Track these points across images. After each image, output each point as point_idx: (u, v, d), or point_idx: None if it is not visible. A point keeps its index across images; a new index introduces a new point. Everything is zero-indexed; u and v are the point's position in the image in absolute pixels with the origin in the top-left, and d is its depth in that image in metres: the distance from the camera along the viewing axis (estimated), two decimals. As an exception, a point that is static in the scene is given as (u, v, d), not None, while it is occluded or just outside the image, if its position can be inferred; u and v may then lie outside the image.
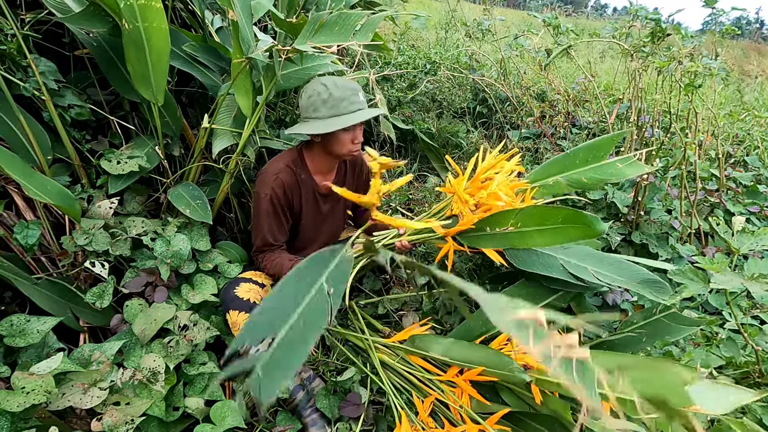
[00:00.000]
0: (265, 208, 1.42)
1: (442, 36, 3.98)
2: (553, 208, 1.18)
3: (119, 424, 1.02)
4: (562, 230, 1.17)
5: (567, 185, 1.42)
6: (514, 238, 1.25)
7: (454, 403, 1.25)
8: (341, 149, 1.40)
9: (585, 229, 1.14)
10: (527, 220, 1.21)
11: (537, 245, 1.24)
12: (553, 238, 1.19)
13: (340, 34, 1.33)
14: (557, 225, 1.17)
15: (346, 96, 1.31)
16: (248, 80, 1.42)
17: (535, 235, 1.21)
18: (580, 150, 1.44)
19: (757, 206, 2.28)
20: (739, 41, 8.79)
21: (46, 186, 1.18)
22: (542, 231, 1.20)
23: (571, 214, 1.15)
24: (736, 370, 1.32)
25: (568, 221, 1.16)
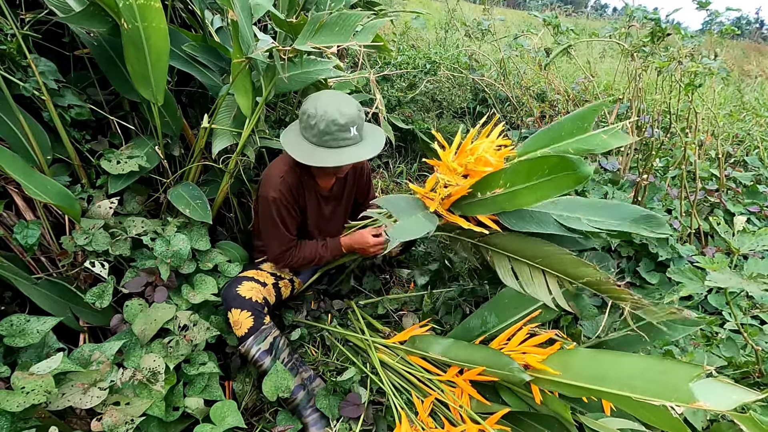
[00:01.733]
0: (275, 211, 1.43)
1: (441, 36, 3.98)
2: (539, 158, 1.16)
3: (119, 424, 1.02)
4: (551, 182, 1.15)
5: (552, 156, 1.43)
6: (504, 200, 1.24)
7: (454, 403, 1.25)
8: (321, 174, 1.47)
9: (573, 175, 1.11)
10: (515, 178, 1.20)
11: (528, 203, 1.21)
12: (543, 192, 1.17)
13: (340, 34, 1.33)
14: (545, 177, 1.15)
15: (331, 131, 1.26)
16: (248, 80, 1.42)
17: (524, 192, 1.19)
18: (566, 121, 1.43)
19: (757, 206, 2.28)
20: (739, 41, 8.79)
21: (46, 186, 1.18)
22: (531, 187, 1.18)
23: (556, 161, 1.13)
24: (736, 370, 1.32)
25: (555, 170, 1.13)
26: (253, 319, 1.38)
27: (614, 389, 0.95)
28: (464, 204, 1.35)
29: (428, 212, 1.32)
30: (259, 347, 1.38)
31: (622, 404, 0.94)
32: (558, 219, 1.33)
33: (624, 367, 0.98)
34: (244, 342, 1.37)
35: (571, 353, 1.13)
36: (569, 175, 1.11)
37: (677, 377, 0.86)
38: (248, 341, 1.37)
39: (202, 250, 1.46)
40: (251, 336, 1.37)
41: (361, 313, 1.70)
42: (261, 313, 1.41)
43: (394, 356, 1.47)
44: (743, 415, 0.79)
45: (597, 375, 1.01)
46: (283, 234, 1.47)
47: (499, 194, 1.24)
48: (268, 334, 1.40)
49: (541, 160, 1.15)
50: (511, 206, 1.23)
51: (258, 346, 1.38)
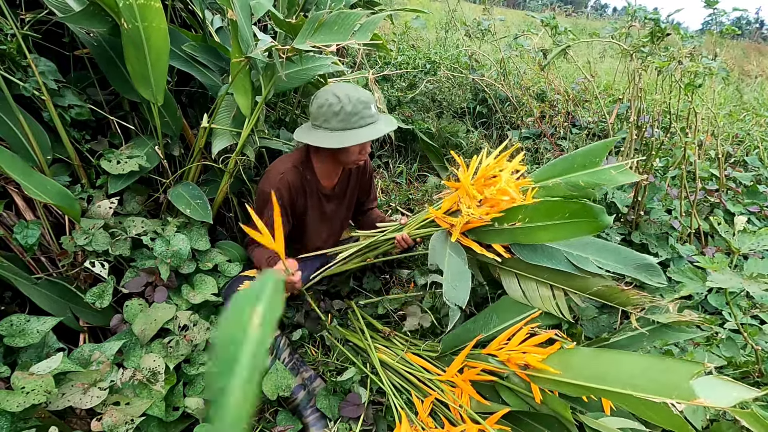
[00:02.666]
0: (267, 205, 1.43)
1: (441, 36, 3.98)
2: (562, 203, 1.20)
3: (119, 424, 1.02)
4: (569, 225, 1.20)
5: (566, 187, 1.47)
6: (520, 233, 1.28)
7: (454, 403, 1.25)
8: (348, 159, 1.43)
9: (592, 223, 1.16)
10: (535, 216, 1.25)
11: (542, 240, 1.28)
12: (559, 233, 1.22)
13: (339, 33, 1.33)
14: (564, 220, 1.20)
15: (358, 110, 1.31)
16: (247, 80, 1.42)
17: (541, 231, 1.24)
18: (578, 155, 1.49)
19: (757, 206, 2.28)
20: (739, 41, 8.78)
21: (46, 186, 1.18)
22: (548, 227, 1.23)
23: (579, 208, 1.17)
24: (736, 369, 1.32)
25: (575, 216, 1.18)
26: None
27: (615, 388, 0.95)
28: (480, 231, 1.40)
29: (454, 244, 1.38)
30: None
31: (622, 403, 0.94)
32: (568, 257, 1.36)
33: (624, 366, 0.98)
34: None
35: (571, 353, 1.13)
36: (589, 223, 1.17)
37: (678, 375, 0.86)
38: None
39: (202, 249, 1.46)
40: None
41: (360, 313, 1.70)
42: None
43: (394, 356, 1.47)
44: (745, 411, 0.79)
45: (597, 374, 1.01)
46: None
47: (516, 227, 1.29)
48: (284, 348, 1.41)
49: (563, 205, 1.20)
50: (526, 240, 1.29)
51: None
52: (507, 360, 1.22)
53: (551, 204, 1.22)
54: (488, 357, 1.28)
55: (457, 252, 1.37)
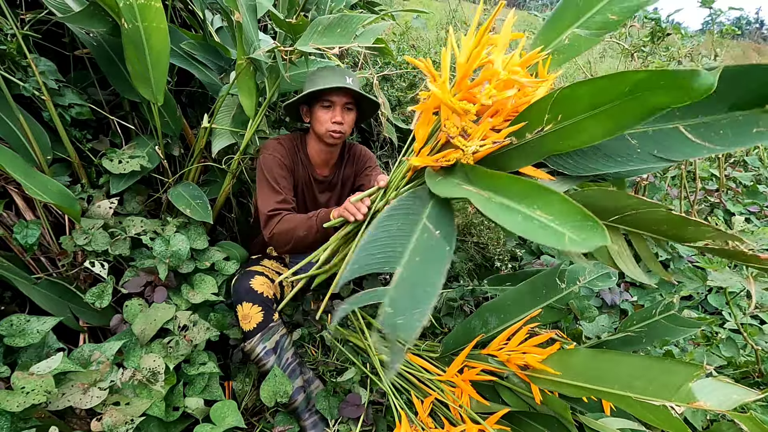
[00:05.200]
0: (269, 170, 1.42)
1: (442, 36, 3.98)
2: (613, 78, 0.70)
3: (119, 424, 1.02)
4: (631, 104, 0.69)
5: (588, 37, 1.00)
6: (552, 140, 0.82)
7: (454, 403, 1.25)
8: (320, 127, 1.42)
9: (677, 90, 0.64)
10: (571, 108, 0.77)
11: (590, 140, 0.77)
12: (618, 120, 0.72)
13: (342, 36, 1.34)
14: (622, 99, 0.70)
15: (327, 74, 1.36)
16: (252, 81, 1.42)
17: (585, 125, 0.76)
18: None
19: (756, 206, 2.28)
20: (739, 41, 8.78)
21: (46, 185, 1.18)
22: (598, 116, 0.74)
23: (645, 78, 0.66)
24: (736, 369, 1.32)
25: (641, 88, 0.67)
26: (262, 314, 1.36)
27: (614, 389, 0.95)
28: (494, 158, 0.92)
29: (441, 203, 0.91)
30: (264, 345, 1.36)
31: (622, 404, 0.94)
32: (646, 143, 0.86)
33: (624, 367, 0.98)
34: (251, 339, 1.35)
35: (571, 353, 1.13)
36: (671, 92, 0.65)
37: (677, 377, 0.86)
38: (254, 338, 1.35)
39: (200, 249, 1.46)
40: (259, 332, 1.36)
41: (360, 313, 1.70)
42: (271, 310, 1.39)
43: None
44: (743, 415, 0.79)
45: (597, 375, 1.01)
46: (276, 191, 1.41)
47: (546, 133, 0.82)
48: (275, 332, 1.39)
49: (619, 78, 0.69)
50: (565, 147, 0.81)
51: (264, 344, 1.36)
52: (507, 360, 1.22)
53: (594, 85, 0.72)
54: (488, 357, 1.28)
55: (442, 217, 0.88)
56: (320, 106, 1.40)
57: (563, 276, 1.39)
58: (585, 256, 1.02)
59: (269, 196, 1.40)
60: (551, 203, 0.69)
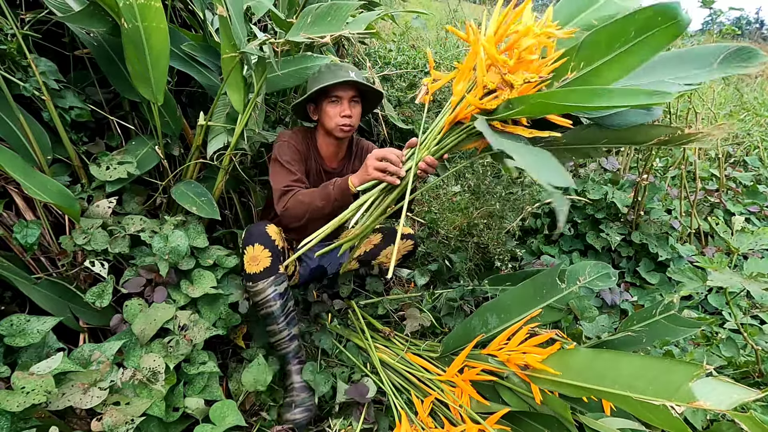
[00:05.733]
0: (284, 151, 1.45)
1: (442, 36, 3.98)
2: (625, 20, 0.86)
3: (119, 424, 1.02)
4: (640, 45, 0.85)
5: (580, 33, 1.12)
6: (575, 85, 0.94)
7: (454, 403, 1.25)
8: (329, 122, 1.46)
9: (669, 27, 0.82)
10: (592, 54, 0.90)
11: (609, 81, 0.90)
12: (629, 61, 0.87)
13: (332, 24, 1.34)
14: (630, 42, 0.86)
15: (333, 70, 1.41)
16: (239, 76, 1.41)
17: (603, 69, 0.89)
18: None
19: (756, 206, 2.28)
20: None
21: (46, 185, 1.18)
22: (612, 60, 0.88)
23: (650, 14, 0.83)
24: (736, 369, 1.32)
25: (646, 28, 0.84)
26: (271, 260, 1.37)
27: (614, 389, 0.95)
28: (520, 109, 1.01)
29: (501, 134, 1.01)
30: (275, 288, 1.38)
31: (622, 404, 0.94)
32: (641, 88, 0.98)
33: (624, 367, 0.98)
34: (262, 280, 1.36)
35: (571, 353, 1.13)
36: (665, 30, 0.82)
37: (677, 376, 0.86)
38: (268, 280, 1.37)
39: (200, 247, 1.46)
40: (270, 276, 1.37)
41: (361, 313, 1.70)
42: (279, 259, 1.40)
43: (394, 356, 1.47)
44: (743, 415, 0.79)
45: (597, 375, 1.01)
46: (291, 172, 1.43)
47: (571, 81, 0.94)
48: (283, 280, 1.41)
49: (627, 20, 0.85)
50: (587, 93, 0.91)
51: (275, 287, 1.38)
52: (507, 360, 1.22)
53: (611, 28, 0.87)
54: (488, 357, 1.28)
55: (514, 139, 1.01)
56: (328, 101, 1.44)
57: (563, 276, 1.39)
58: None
59: (284, 175, 1.42)
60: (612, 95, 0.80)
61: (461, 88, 1.11)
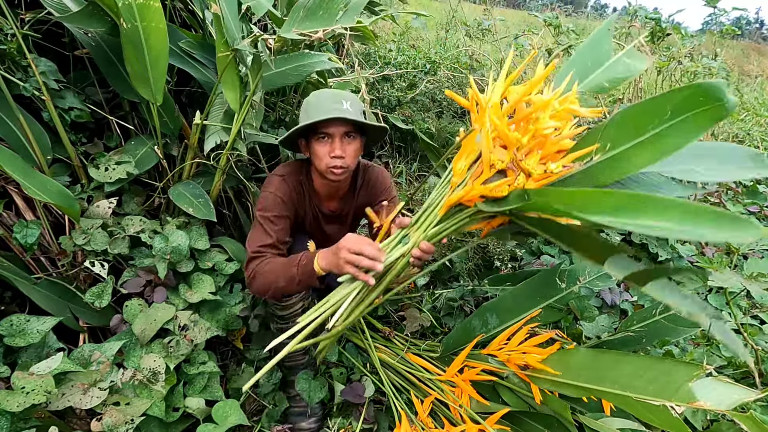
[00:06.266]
0: (265, 206, 1.28)
1: (442, 36, 3.98)
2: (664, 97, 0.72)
3: (119, 424, 1.02)
4: (677, 127, 0.72)
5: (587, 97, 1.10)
6: (601, 170, 0.81)
7: (454, 403, 1.25)
8: (319, 164, 1.24)
9: (712, 109, 0.69)
10: (619, 135, 0.79)
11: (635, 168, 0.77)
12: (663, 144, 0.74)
13: (324, 19, 1.32)
14: (667, 123, 0.73)
15: (322, 103, 1.19)
16: (235, 74, 1.40)
17: (632, 153, 0.77)
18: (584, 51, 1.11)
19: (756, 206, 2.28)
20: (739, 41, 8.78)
21: (46, 186, 1.18)
22: (644, 143, 0.76)
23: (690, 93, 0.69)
24: (736, 369, 1.32)
25: (685, 107, 0.70)
26: None
27: (614, 389, 0.95)
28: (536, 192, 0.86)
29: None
30: (303, 304, 1.34)
31: (622, 404, 0.94)
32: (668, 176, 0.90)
33: (624, 367, 0.98)
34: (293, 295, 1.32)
35: (571, 353, 1.13)
36: (708, 112, 0.70)
37: (677, 377, 0.86)
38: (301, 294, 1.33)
39: (201, 249, 1.46)
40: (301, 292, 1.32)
41: (361, 313, 1.70)
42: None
43: (394, 356, 1.47)
44: (743, 415, 0.79)
45: (597, 375, 1.01)
46: (266, 233, 1.25)
47: (594, 163, 0.82)
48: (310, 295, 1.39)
49: (664, 98, 0.73)
50: (610, 176, 0.81)
51: (303, 302, 1.35)
52: (507, 360, 1.22)
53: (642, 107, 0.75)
54: (488, 357, 1.28)
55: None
56: (316, 139, 1.22)
57: (563, 276, 1.39)
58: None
59: (258, 236, 1.25)
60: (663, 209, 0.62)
61: (462, 166, 0.97)
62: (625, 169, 0.78)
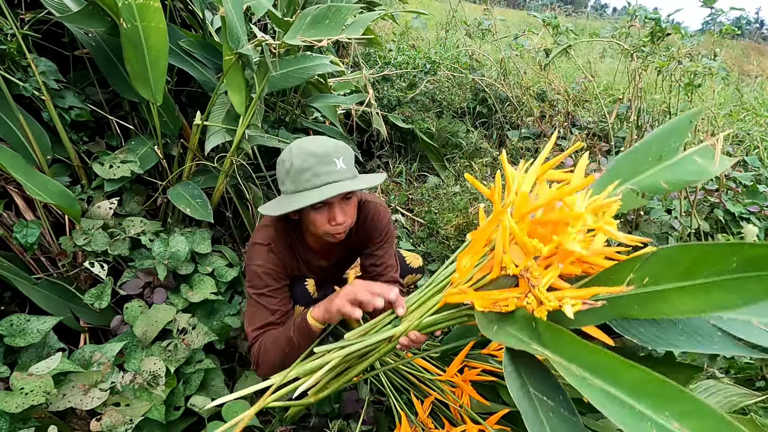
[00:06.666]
0: (253, 282, 1.15)
1: (442, 36, 3.98)
2: (726, 246, 0.62)
3: (118, 424, 1.01)
4: (734, 284, 0.61)
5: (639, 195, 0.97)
6: (627, 303, 0.73)
7: (454, 403, 1.25)
8: (316, 230, 1.11)
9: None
10: (660, 273, 0.69)
11: (672, 313, 0.68)
12: (711, 300, 0.63)
13: (330, 27, 1.32)
14: (728, 273, 0.62)
15: (310, 166, 1.01)
16: (241, 77, 1.41)
17: (671, 297, 0.68)
18: (652, 141, 0.98)
19: (756, 206, 2.28)
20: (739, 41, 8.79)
21: (46, 186, 1.18)
22: (686, 289, 0.66)
23: (762, 254, 0.58)
24: (737, 372, 1.32)
25: (751, 267, 0.59)
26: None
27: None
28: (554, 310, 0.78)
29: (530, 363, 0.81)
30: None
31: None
32: (721, 325, 0.78)
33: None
34: None
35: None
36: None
37: (678, 378, 0.86)
38: None
39: (203, 253, 1.46)
40: None
41: (361, 314, 1.70)
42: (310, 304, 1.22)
43: (393, 356, 1.47)
44: (744, 417, 0.79)
45: (597, 375, 1.00)
46: (263, 308, 1.15)
47: (627, 294, 0.73)
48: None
49: (732, 247, 0.61)
50: (642, 313, 0.71)
51: None
52: (507, 360, 1.22)
53: (704, 249, 0.64)
54: (488, 357, 1.28)
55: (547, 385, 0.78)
56: (310, 208, 1.06)
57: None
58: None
59: (255, 315, 1.16)
60: (695, 414, 0.55)
61: (468, 264, 0.88)
62: (663, 310, 0.68)
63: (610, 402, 0.62)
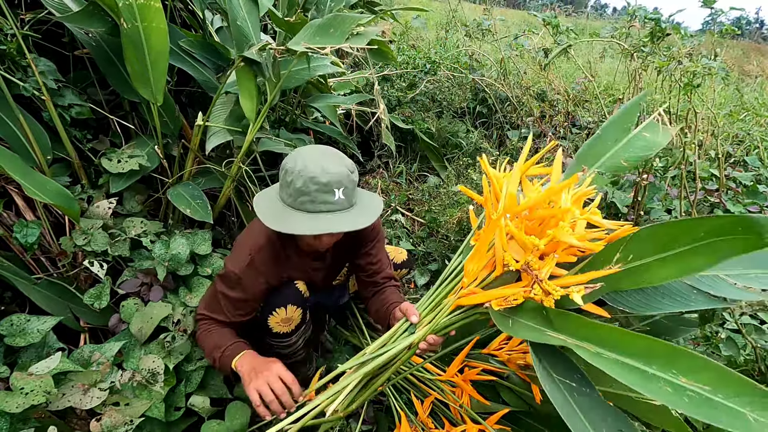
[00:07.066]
0: (231, 285, 1.17)
1: (442, 36, 3.98)
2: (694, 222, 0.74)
3: (118, 425, 1.01)
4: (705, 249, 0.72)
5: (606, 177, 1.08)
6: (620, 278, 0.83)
7: (454, 403, 1.25)
8: (302, 244, 1.19)
9: (747, 239, 0.68)
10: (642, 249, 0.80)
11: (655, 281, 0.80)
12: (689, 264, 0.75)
13: (335, 36, 1.32)
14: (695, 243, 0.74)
15: (309, 192, 1.01)
16: (252, 83, 1.41)
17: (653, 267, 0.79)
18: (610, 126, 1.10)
19: (756, 206, 2.28)
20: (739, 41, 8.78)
21: (45, 186, 1.18)
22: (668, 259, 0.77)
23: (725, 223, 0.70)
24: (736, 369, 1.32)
25: (717, 234, 0.71)
26: (301, 315, 1.26)
27: (615, 389, 0.95)
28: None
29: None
30: (304, 337, 1.32)
31: (622, 403, 0.94)
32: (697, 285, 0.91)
33: (624, 367, 0.97)
34: (296, 334, 1.27)
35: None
36: (742, 240, 0.69)
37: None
38: (299, 331, 1.27)
39: (203, 254, 1.45)
40: (301, 327, 1.28)
41: (360, 314, 1.70)
42: (306, 309, 1.29)
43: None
44: (743, 415, 0.79)
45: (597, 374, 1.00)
46: (221, 308, 1.18)
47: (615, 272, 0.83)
48: (309, 326, 1.35)
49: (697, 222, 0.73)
50: (629, 284, 0.82)
51: (304, 335, 1.31)
52: (507, 360, 1.22)
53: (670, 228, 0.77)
54: (488, 357, 1.28)
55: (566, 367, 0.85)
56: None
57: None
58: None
59: (212, 304, 1.20)
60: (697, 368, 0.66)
61: (474, 268, 0.96)
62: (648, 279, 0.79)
63: (625, 371, 0.69)
